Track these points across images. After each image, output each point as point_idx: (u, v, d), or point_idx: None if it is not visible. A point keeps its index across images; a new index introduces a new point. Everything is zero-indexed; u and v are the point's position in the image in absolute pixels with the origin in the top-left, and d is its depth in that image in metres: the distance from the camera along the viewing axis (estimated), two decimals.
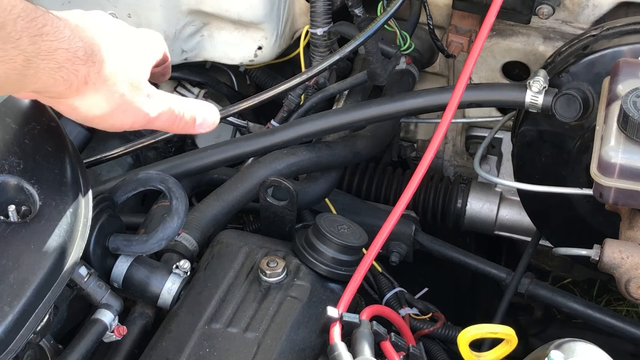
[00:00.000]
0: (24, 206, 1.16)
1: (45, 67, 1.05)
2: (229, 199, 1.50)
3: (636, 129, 1.30)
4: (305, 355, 1.26)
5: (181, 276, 1.34)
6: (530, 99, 1.50)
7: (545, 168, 1.61)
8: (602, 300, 2.30)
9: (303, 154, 1.56)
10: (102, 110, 1.15)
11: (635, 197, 1.33)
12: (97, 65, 1.12)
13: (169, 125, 1.23)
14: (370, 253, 1.34)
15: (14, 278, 1.08)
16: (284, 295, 1.31)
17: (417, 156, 2.04)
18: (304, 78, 1.56)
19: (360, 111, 1.57)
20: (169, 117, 1.23)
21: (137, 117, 1.19)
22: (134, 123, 1.19)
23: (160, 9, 1.71)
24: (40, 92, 1.10)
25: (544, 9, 1.63)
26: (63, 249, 1.13)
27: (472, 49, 1.44)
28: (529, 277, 1.70)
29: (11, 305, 1.06)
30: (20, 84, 1.05)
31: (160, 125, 1.22)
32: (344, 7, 1.65)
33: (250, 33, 1.77)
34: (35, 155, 1.18)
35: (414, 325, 1.58)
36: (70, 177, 1.19)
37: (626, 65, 1.41)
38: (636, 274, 1.36)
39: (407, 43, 1.71)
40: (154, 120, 1.21)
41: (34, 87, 1.07)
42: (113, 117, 1.17)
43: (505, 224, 1.90)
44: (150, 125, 1.22)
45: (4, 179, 1.15)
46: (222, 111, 1.55)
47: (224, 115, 1.54)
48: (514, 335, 1.21)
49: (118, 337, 1.25)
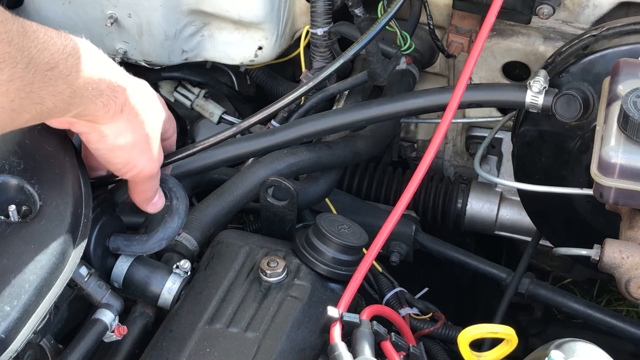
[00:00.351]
0: (24, 206, 1.16)
1: (89, 95, 1.14)
2: (230, 199, 1.50)
3: (636, 129, 1.30)
4: (305, 355, 1.27)
5: (181, 276, 1.34)
6: (530, 99, 1.50)
7: (545, 168, 1.61)
8: (602, 300, 2.31)
9: (303, 154, 1.56)
10: (127, 141, 1.23)
11: (635, 197, 1.33)
12: (132, 98, 1.22)
13: (147, 189, 1.31)
14: (370, 253, 1.34)
15: (15, 278, 1.08)
16: (284, 295, 1.31)
17: (417, 156, 2.04)
18: (314, 83, 1.49)
19: (360, 111, 1.57)
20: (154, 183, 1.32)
21: (147, 165, 1.27)
22: (142, 171, 1.28)
23: (161, 9, 1.71)
24: (79, 116, 1.17)
25: (544, 9, 1.63)
26: (63, 249, 1.13)
27: (473, 49, 1.44)
28: (529, 277, 1.70)
29: (12, 305, 1.06)
30: (65, 111, 1.13)
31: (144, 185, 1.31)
32: (344, 7, 1.65)
33: (251, 33, 1.77)
34: (36, 155, 1.18)
35: (414, 325, 1.58)
36: (71, 177, 1.19)
37: (626, 65, 1.41)
38: (636, 274, 1.36)
39: (408, 43, 1.71)
40: (153, 177, 1.30)
41: (75, 112, 1.15)
42: (132, 153, 1.25)
43: (506, 224, 1.90)
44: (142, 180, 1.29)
45: (4, 179, 1.15)
46: (244, 122, 1.46)
47: (245, 125, 1.45)
48: (514, 335, 1.21)
49: (118, 337, 1.25)
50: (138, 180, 1.30)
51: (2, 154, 1.17)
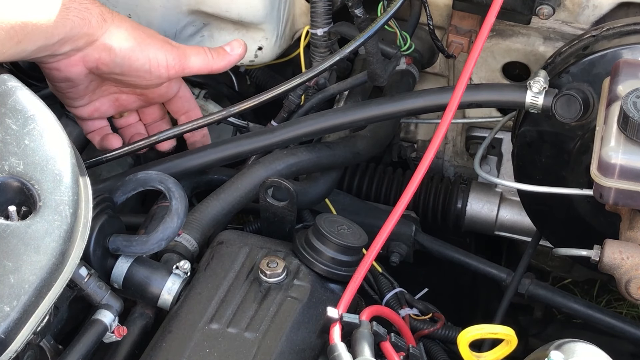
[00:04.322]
0: (24, 207, 1.16)
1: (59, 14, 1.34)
2: (229, 199, 1.50)
3: (636, 129, 1.30)
4: (305, 355, 1.27)
5: (181, 277, 1.35)
6: (530, 100, 1.50)
7: (545, 168, 1.61)
8: (602, 300, 2.31)
9: (303, 155, 1.56)
10: (131, 43, 1.44)
11: (635, 198, 1.33)
12: (108, 9, 1.42)
13: (204, 60, 1.52)
14: (370, 253, 1.34)
15: (15, 278, 1.08)
16: (284, 296, 1.31)
17: (417, 156, 2.04)
18: (304, 79, 1.56)
19: (359, 111, 1.57)
20: (199, 50, 1.52)
21: (168, 52, 1.47)
22: (168, 60, 1.48)
23: (161, 9, 1.71)
24: (74, 42, 1.39)
25: (544, 9, 1.62)
26: (63, 250, 1.13)
27: (472, 49, 1.44)
28: (529, 277, 1.70)
29: (11, 306, 1.06)
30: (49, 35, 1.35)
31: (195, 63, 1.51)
32: (344, 8, 1.65)
33: (251, 33, 1.77)
34: (35, 155, 1.18)
35: (414, 325, 1.58)
36: (70, 178, 1.19)
37: (626, 65, 1.41)
38: (636, 275, 1.36)
39: (408, 43, 1.71)
40: (187, 58, 1.50)
41: (59, 36, 1.36)
42: (144, 50, 1.45)
43: (506, 225, 1.90)
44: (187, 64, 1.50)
45: (4, 180, 1.15)
46: (223, 111, 1.55)
47: (224, 115, 1.55)
48: (514, 336, 1.21)
49: (118, 337, 1.26)
50: (173, 68, 1.49)
51: (2, 154, 1.17)
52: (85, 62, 1.46)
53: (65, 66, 1.46)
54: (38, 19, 1.31)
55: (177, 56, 1.50)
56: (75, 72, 1.47)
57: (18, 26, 1.28)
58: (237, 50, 1.57)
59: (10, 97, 1.22)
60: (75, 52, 1.44)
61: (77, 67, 1.46)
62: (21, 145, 1.19)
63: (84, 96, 1.54)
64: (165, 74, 1.50)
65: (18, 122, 1.20)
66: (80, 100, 1.55)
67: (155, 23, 1.72)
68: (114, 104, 1.59)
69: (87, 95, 1.54)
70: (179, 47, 1.51)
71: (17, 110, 1.21)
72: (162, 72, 1.50)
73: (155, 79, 1.51)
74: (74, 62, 1.45)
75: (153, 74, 1.50)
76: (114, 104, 1.59)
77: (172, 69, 1.50)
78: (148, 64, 1.48)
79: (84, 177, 1.24)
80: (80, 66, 1.46)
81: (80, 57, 1.45)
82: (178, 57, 1.50)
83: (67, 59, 1.45)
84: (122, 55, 1.45)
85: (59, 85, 1.50)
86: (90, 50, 1.44)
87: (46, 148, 1.20)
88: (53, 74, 1.47)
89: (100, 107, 1.58)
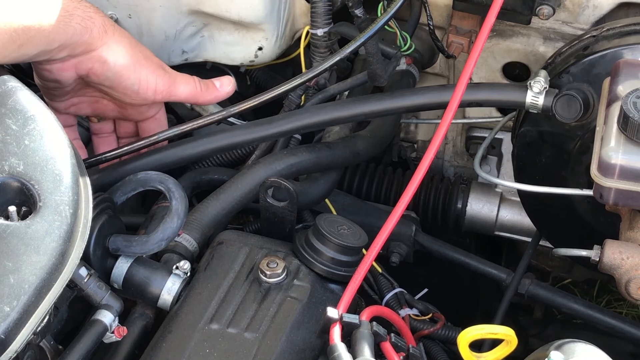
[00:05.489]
0: (24, 207, 1.16)
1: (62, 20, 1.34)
2: (229, 199, 1.50)
3: (636, 129, 1.30)
4: (305, 355, 1.27)
5: (181, 277, 1.35)
6: (530, 100, 1.50)
7: (545, 169, 1.61)
8: (602, 300, 2.31)
9: (303, 155, 1.56)
10: (127, 60, 1.44)
11: (635, 198, 1.33)
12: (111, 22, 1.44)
13: (192, 90, 1.53)
14: (370, 254, 1.34)
15: (15, 278, 1.08)
16: (283, 296, 1.31)
17: (417, 157, 2.04)
18: (304, 79, 1.56)
19: (359, 105, 1.56)
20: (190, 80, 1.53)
21: (159, 76, 1.48)
22: (157, 84, 1.48)
23: (160, 9, 1.71)
24: (72, 49, 1.39)
25: (544, 9, 1.62)
26: (63, 250, 1.13)
27: (473, 49, 1.44)
28: (529, 277, 1.69)
29: (11, 306, 1.06)
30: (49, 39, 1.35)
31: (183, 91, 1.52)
32: (344, 8, 1.65)
33: (251, 34, 1.77)
34: (35, 155, 1.18)
35: (414, 325, 1.58)
36: (70, 178, 1.19)
37: (626, 66, 1.41)
38: (636, 275, 1.36)
39: (408, 44, 1.71)
40: (176, 85, 1.51)
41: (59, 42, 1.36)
42: (137, 70, 1.46)
43: (506, 225, 1.90)
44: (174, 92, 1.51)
45: (4, 180, 1.15)
46: (223, 111, 1.55)
47: (224, 115, 1.55)
48: (514, 336, 1.21)
49: (118, 337, 1.26)
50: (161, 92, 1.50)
51: (2, 155, 1.17)
52: (78, 69, 1.46)
53: (57, 70, 1.46)
54: (41, 23, 1.31)
55: (167, 82, 1.51)
56: (66, 76, 1.48)
57: (20, 30, 1.28)
58: (226, 88, 1.59)
59: (11, 98, 1.22)
60: (70, 57, 1.44)
61: (69, 72, 1.47)
62: (21, 146, 1.19)
63: (66, 94, 1.55)
64: (151, 97, 1.52)
65: (18, 123, 1.20)
66: (61, 97, 1.56)
67: (155, 23, 1.72)
68: (92, 105, 1.59)
69: (69, 94, 1.55)
70: (170, 74, 1.53)
71: (17, 111, 1.21)
72: (149, 95, 1.51)
73: (141, 100, 1.53)
74: (66, 67, 1.46)
75: (140, 95, 1.51)
76: (93, 105, 1.59)
77: (159, 93, 1.52)
78: (138, 84, 1.49)
79: (84, 177, 1.24)
80: (71, 71, 1.47)
81: (74, 63, 1.45)
82: (168, 84, 1.51)
83: (60, 64, 1.45)
84: (115, 70, 1.46)
85: (46, 84, 1.51)
86: (85, 59, 1.44)
87: (46, 148, 1.20)
88: (44, 74, 1.48)
89: (78, 104, 1.58)
